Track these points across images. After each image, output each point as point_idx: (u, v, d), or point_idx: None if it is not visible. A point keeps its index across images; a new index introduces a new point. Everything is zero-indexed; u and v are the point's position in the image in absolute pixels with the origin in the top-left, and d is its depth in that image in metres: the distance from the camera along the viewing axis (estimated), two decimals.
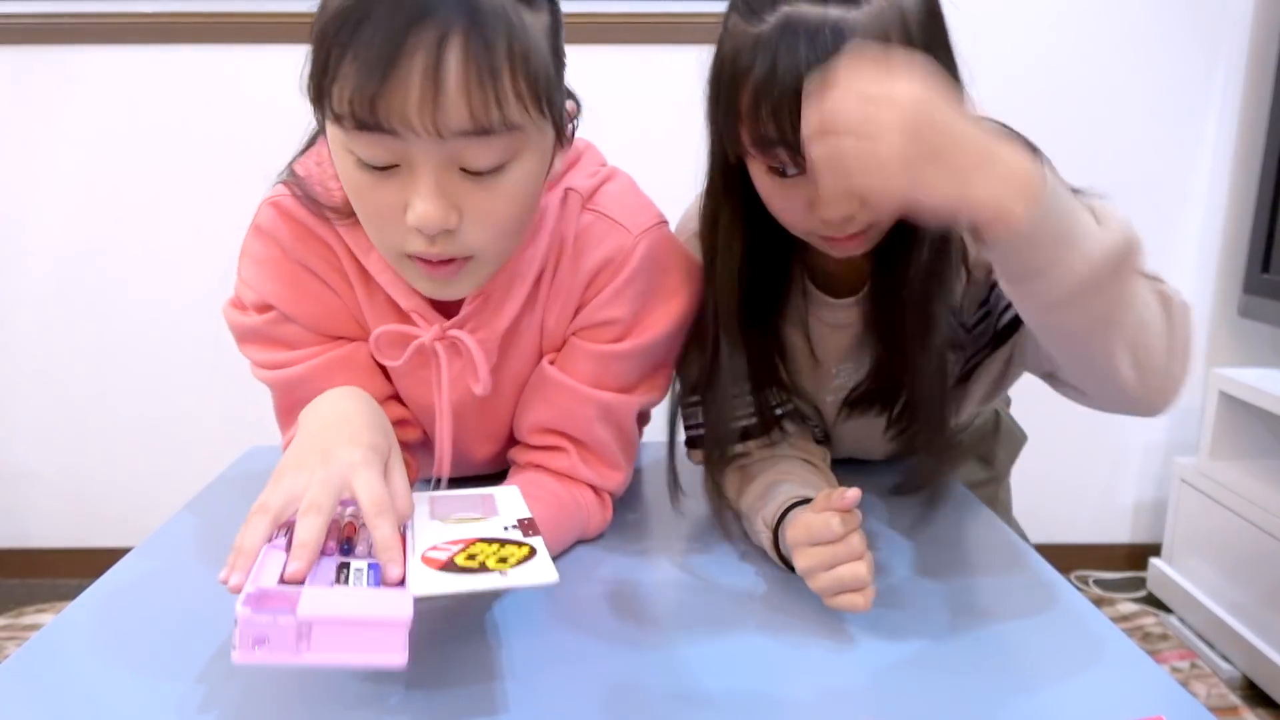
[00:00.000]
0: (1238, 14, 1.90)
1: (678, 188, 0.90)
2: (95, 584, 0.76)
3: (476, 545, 0.60)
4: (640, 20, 1.84)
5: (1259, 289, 1.83)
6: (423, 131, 0.60)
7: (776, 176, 0.70)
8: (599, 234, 0.78)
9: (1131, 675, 0.63)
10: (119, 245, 1.95)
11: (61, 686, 0.62)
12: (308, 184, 0.75)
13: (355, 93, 0.59)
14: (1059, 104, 1.91)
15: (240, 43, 1.84)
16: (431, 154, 0.62)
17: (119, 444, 2.03)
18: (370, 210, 0.66)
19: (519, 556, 0.58)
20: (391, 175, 0.63)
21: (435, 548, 0.59)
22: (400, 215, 0.64)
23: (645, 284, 0.79)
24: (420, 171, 0.62)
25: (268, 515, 0.58)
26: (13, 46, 1.85)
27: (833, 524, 0.66)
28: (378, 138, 0.61)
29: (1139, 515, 2.15)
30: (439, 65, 0.58)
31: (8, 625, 1.83)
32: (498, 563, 0.57)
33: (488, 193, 0.65)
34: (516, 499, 0.71)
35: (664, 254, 0.81)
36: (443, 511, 0.67)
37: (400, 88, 0.58)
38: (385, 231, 0.66)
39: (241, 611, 0.49)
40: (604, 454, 0.84)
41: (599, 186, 0.80)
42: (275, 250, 0.77)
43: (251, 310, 0.79)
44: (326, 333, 0.80)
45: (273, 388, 0.81)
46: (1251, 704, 1.60)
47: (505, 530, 0.63)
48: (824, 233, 0.71)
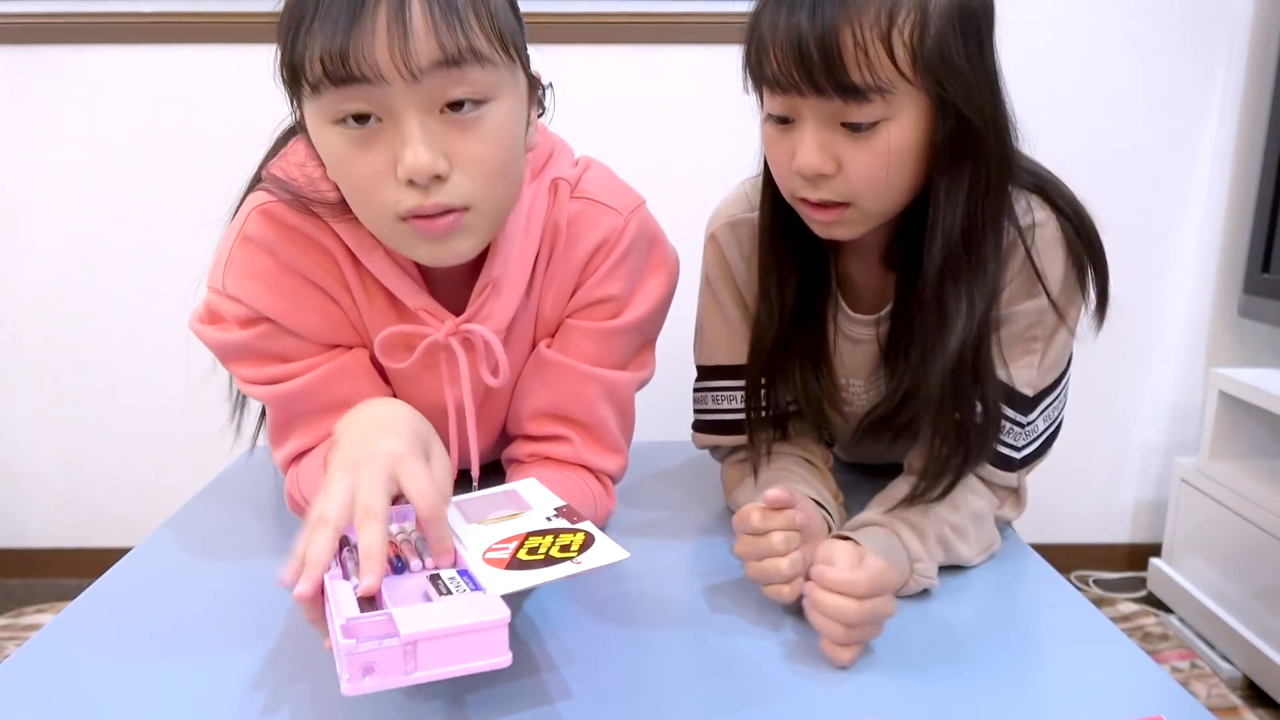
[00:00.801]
0: (1238, 14, 1.90)
1: (678, 187, 0.91)
2: (95, 584, 0.76)
3: (531, 539, 0.60)
4: (640, 20, 1.84)
5: (1259, 289, 1.83)
6: (396, 72, 0.61)
7: (775, 124, 0.72)
8: (591, 218, 0.81)
9: (1131, 675, 0.63)
10: (119, 245, 1.94)
11: (61, 686, 0.62)
12: (293, 186, 0.74)
13: (324, 50, 0.60)
14: (1059, 104, 1.91)
15: (240, 43, 1.84)
16: (410, 99, 0.63)
17: (119, 444, 2.03)
18: (358, 179, 0.66)
19: (580, 542, 0.59)
20: (374, 138, 0.64)
21: (491, 549, 0.59)
22: (389, 176, 0.65)
23: (637, 260, 0.83)
24: (403, 120, 0.63)
25: (328, 526, 0.56)
26: (13, 46, 1.85)
27: (752, 518, 0.68)
28: (354, 89, 0.62)
29: (1139, 515, 2.15)
30: (402, 7, 0.61)
31: (8, 625, 1.82)
32: (562, 551, 0.57)
33: (471, 136, 0.65)
34: (540, 490, 0.71)
35: (650, 231, 0.84)
36: (476, 514, 0.67)
37: (367, 34, 0.60)
38: (376, 198, 0.66)
39: (345, 644, 0.48)
40: (605, 437, 0.85)
41: (582, 175, 0.83)
42: (266, 260, 0.75)
43: (234, 326, 0.76)
44: (325, 341, 0.79)
45: (269, 403, 0.79)
46: (1251, 704, 1.60)
47: (549, 521, 0.63)
48: (801, 192, 0.72)
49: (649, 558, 0.83)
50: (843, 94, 0.66)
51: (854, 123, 0.68)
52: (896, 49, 0.65)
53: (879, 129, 0.68)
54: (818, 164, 0.69)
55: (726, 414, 0.90)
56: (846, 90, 0.65)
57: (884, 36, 0.64)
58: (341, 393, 0.78)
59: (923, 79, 0.66)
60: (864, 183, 0.70)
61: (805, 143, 0.69)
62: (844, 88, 0.65)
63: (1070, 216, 0.78)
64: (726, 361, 0.90)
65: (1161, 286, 2.01)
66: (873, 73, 0.65)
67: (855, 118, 0.67)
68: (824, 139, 0.69)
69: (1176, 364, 2.06)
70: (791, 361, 0.84)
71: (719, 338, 0.90)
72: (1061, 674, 0.63)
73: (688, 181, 0.84)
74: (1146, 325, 2.03)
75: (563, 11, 1.81)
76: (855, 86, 0.65)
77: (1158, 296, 2.02)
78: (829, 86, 0.66)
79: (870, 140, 0.68)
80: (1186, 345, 2.04)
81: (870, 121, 0.67)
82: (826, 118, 0.68)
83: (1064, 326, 0.79)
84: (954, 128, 0.68)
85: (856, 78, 0.65)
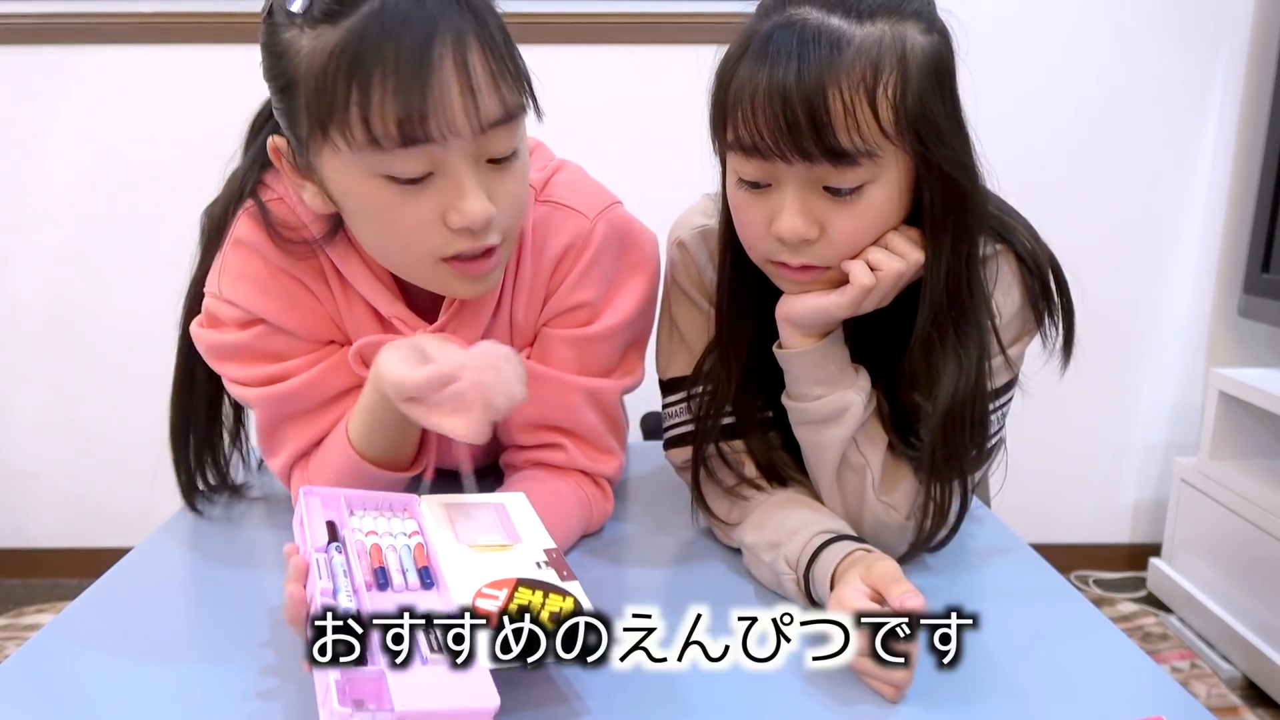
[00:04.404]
0: (1238, 14, 1.90)
1: (678, 187, 0.90)
2: (95, 584, 0.76)
3: (521, 591, 0.60)
4: (640, 20, 1.84)
5: (1259, 289, 1.83)
6: (467, 131, 0.63)
7: (748, 189, 0.69)
8: (557, 223, 0.80)
9: (1131, 675, 0.63)
10: (119, 245, 1.94)
11: (61, 686, 0.62)
12: (276, 213, 0.76)
13: (403, 111, 0.61)
14: (1059, 104, 1.91)
15: (240, 43, 1.84)
16: (468, 153, 0.65)
17: (119, 444, 2.03)
18: (401, 227, 0.67)
19: (567, 610, 0.58)
20: (424, 188, 0.65)
21: (482, 594, 0.59)
22: (436, 224, 0.66)
23: (609, 263, 0.81)
24: (460, 173, 0.65)
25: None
26: (13, 46, 1.85)
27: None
28: (421, 150, 0.63)
29: (1139, 515, 2.15)
30: (466, 66, 0.62)
31: (8, 625, 1.82)
32: (549, 619, 0.57)
33: (508, 177, 0.69)
34: (531, 516, 0.71)
35: (623, 232, 0.82)
36: (465, 535, 0.67)
37: (443, 94, 0.61)
38: (419, 244, 0.68)
39: (340, 712, 0.49)
40: (596, 441, 0.84)
41: (549, 178, 0.82)
42: (258, 262, 0.77)
43: (232, 327, 0.78)
44: (319, 338, 0.80)
45: (259, 404, 0.80)
46: (1251, 704, 1.60)
47: (540, 568, 0.63)
48: (777, 256, 0.70)
49: (649, 558, 0.83)
50: (832, 159, 0.63)
51: (839, 189, 0.65)
52: (881, 109, 0.63)
53: (863, 192, 0.66)
54: (802, 230, 0.66)
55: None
56: (835, 155, 0.63)
57: (869, 97, 0.62)
58: (333, 389, 0.79)
59: (905, 139, 0.64)
60: (847, 247, 0.68)
61: (788, 209, 0.66)
62: (833, 152, 0.63)
63: (1025, 254, 0.76)
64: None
65: (1161, 286, 2.01)
66: (860, 136, 0.62)
67: (839, 182, 0.65)
68: (806, 204, 0.66)
69: (1176, 364, 2.06)
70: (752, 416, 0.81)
71: (700, 343, 0.83)
72: (1061, 674, 0.63)
73: (688, 181, 0.84)
74: (1146, 325, 2.03)
75: (563, 11, 1.81)
76: (844, 151, 0.63)
77: (1158, 296, 2.02)
78: (817, 151, 0.63)
79: (854, 204, 0.66)
80: (1186, 345, 2.04)
81: (855, 186, 0.65)
82: (809, 182, 0.66)
83: (1003, 354, 0.76)
84: (940, 187, 0.67)
85: (845, 142, 0.62)
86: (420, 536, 0.67)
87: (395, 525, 0.68)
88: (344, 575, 0.60)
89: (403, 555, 0.64)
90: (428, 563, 0.64)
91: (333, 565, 0.61)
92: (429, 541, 0.65)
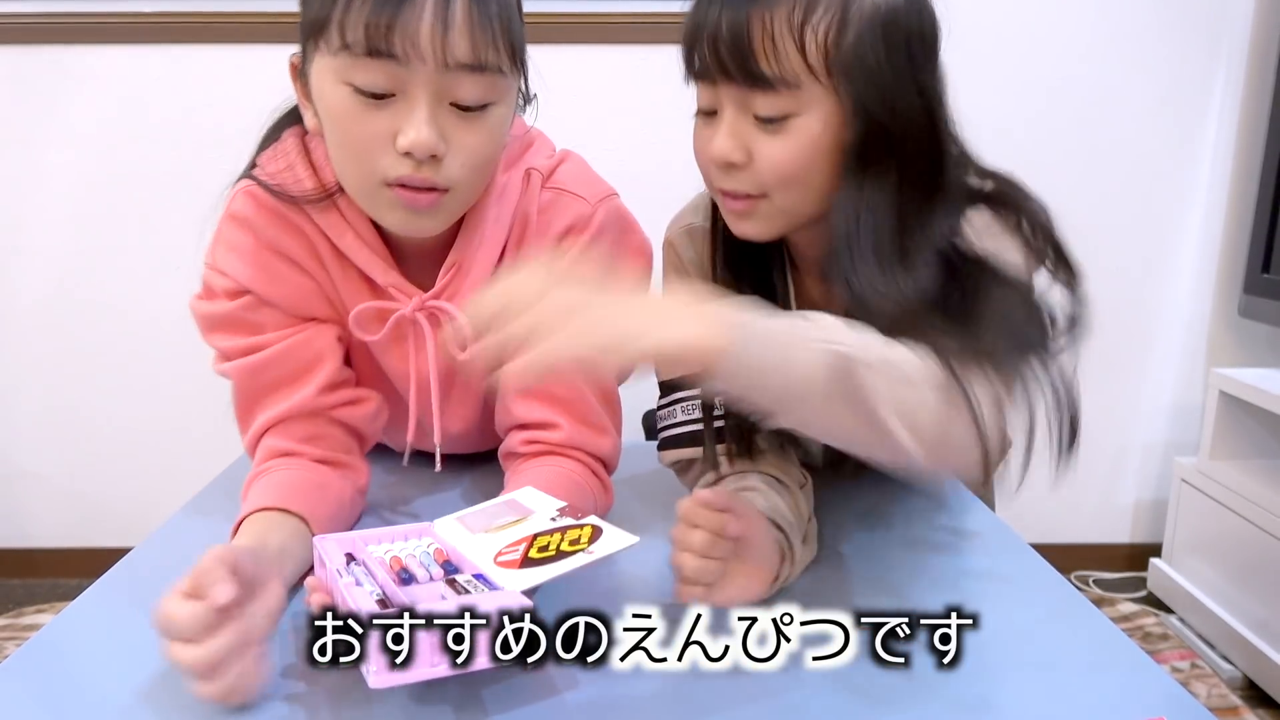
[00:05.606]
0: (1238, 14, 1.90)
1: (678, 187, 0.91)
2: (95, 584, 0.76)
3: (540, 538, 0.61)
4: (640, 20, 1.84)
5: (1259, 289, 1.83)
6: (430, 59, 0.67)
7: (702, 118, 0.73)
8: (561, 207, 0.85)
9: (1132, 675, 0.63)
10: (119, 245, 1.95)
11: (61, 686, 0.62)
12: (275, 180, 0.79)
13: (371, 18, 0.65)
14: (1059, 104, 1.91)
15: (240, 43, 1.84)
16: (430, 84, 0.68)
17: (119, 444, 2.03)
18: (357, 138, 0.71)
19: (588, 535, 0.60)
20: (384, 105, 0.69)
21: (502, 553, 0.60)
22: (388, 143, 0.70)
23: (609, 245, 0.86)
24: (416, 100, 0.68)
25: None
26: (13, 46, 1.85)
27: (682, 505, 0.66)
28: (385, 64, 0.67)
29: (1139, 515, 2.15)
30: (448, 2, 0.66)
31: (8, 625, 1.82)
32: (572, 545, 0.59)
33: (471, 129, 0.71)
34: (539, 495, 0.72)
35: (621, 220, 0.88)
36: (479, 526, 0.68)
37: (414, 17, 0.66)
38: (369, 160, 0.71)
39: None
40: (590, 415, 0.87)
41: (555, 167, 0.87)
42: (249, 236, 0.81)
43: (222, 297, 0.82)
44: (300, 315, 0.83)
45: (235, 377, 0.83)
46: (1252, 704, 1.60)
47: (554, 521, 0.64)
48: (717, 182, 0.73)
49: (649, 558, 0.83)
50: (749, 81, 0.67)
51: (764, 116, 0.69)
52: (808, 45, 0.66)
53: (788, 123, 0.69)
54: (727, 150, 0.70)
55: (697, 425, 0.85)
56: (753, 78, 0.67)
57: (795, 31, 0.66)
58: (304, 360, 0.82)
59: (835, 79, 0.67)
60: (773, 175, 0.70)
61: (720, 131, 0.70)
62: (750, 74, 0.67)
63: (1017, 211, 0.74)
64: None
65: (1161, 286, 2.01)
66: (779, 64, 0.67)
67: (763, 110, 0.69)
68: (737, 128, 0.70)
69: (1176, 364, 2.06)
70: None
71: None
72: (1062, 674, 0.63)
73: (687, 181, 0.84)
74: (1147, 325, 2.03)
75: (563, 11, 1.81)
76: (762, 75, 0.67)
77: (1158, 296, 2.02)
78: (736, 72, 0.67)
79: (779, 134, 0.69)
80: (1186, 345, 2.04)
81: (779, 115, 0.68)
82: (742, 108, 0.70)
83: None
84: (865, 131, 0.68)
85: (764, 67, 0.67)
86: (437, 544, 0.68)
87: (413, 545, 0.69)
88: (368, 578, 0.61)
89: (422, 558, 0.65)
90: (447, 559, 0.65)
91: (354, 572, 0.62)
92: (447, 546, 0.67)
